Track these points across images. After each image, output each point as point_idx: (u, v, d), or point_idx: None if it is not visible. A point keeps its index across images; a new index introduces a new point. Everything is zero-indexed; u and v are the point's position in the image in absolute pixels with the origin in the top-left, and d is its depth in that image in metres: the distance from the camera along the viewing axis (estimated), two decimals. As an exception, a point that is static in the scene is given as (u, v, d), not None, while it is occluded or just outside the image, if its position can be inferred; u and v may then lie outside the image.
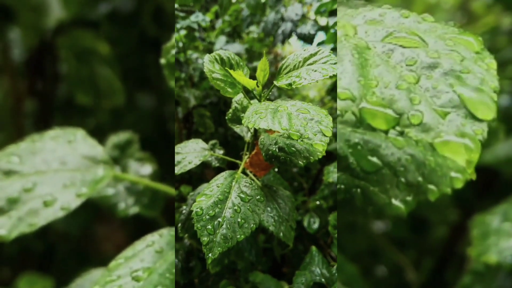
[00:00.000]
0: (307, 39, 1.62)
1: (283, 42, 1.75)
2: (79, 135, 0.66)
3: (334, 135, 1.66)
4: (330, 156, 1.41)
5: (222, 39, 1.93)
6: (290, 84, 0.61)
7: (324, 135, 0.51)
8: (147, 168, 0.81)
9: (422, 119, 0.41)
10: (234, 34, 2.13)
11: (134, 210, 0.79)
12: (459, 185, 0.49)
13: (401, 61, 0.44)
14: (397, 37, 0.46)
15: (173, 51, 0.62)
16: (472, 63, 0.43)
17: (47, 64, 1.08)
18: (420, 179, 0.47)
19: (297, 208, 1.26)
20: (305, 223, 1.15)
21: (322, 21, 1.66)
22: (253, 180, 0.67)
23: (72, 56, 1.03)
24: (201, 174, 1.60)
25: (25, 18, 0.97)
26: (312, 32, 1.62)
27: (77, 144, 0.65)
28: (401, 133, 0.40)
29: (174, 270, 0.51)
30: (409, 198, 0.49)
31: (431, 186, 0.47)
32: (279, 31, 1.76)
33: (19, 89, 1.04)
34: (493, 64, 0.43)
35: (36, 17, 0.96)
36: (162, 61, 0.64)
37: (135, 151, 0.82)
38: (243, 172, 0.73)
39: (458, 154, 0.39)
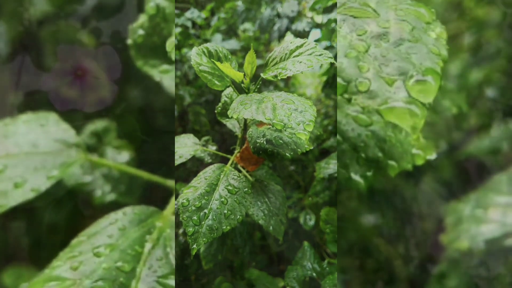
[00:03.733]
0: (302, 36, 1.62)
1: (279, 39, 1.75)
2: (51, 119, 0.66)
3: (333, 133, 1.66)
4: (327, 154, 1.41)
5: (218, 36, 1.94)
6: (276, 76, 0.61)
7: (308, 125, 0.50)
8: (124, 156, 0.82)
9: (369, 86, 0.41)
10: (230, 32, 2.13)
11: (110, 197, 0.79)
12: (419, 161, 0.49)
13: (352, 30, 0.44)
14: (350, 8, 0.46)
15: (140, 31, 0.63)
16: (422, 33, 0.43)
17: (31, 56, 1.08)
18: (380, 154, 0.47)
19: (294, 205, 1.26)
20: (301, 220, 1.16)
21: (318, 18, 1.66)
22: (245, 175, 0.67)
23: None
24: (197, 172, 1.60)
25: (8, 10, 0.97)
26: (307, 29, 1.63)
27: (50, 128, 0.65)
28: (349, 100, 0.40)
29: (136, 247, 0.52)
30: (369, 174, 0.49)
31: (391, 162, 0.47)
32: (275, 28, 1.76)
33: (4, 82, 1.05)
34: (443, 33, 0.43)
35: (19, 8, 0.97)
36: (129, 41, 0.64)
37: (112, 139, 0.83)
38: (235, 168, 0.73)
39: (404, 120, 0.39)
